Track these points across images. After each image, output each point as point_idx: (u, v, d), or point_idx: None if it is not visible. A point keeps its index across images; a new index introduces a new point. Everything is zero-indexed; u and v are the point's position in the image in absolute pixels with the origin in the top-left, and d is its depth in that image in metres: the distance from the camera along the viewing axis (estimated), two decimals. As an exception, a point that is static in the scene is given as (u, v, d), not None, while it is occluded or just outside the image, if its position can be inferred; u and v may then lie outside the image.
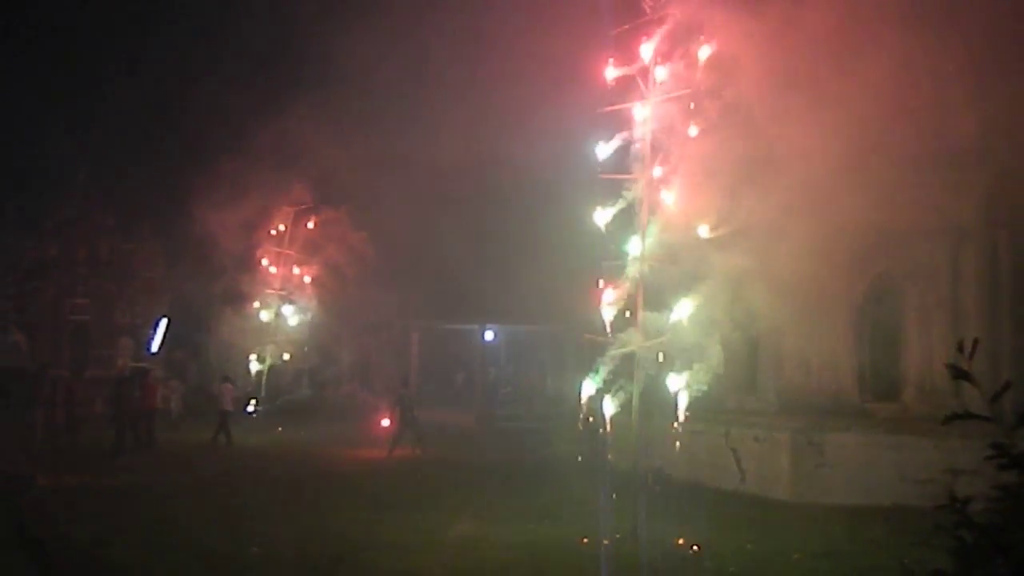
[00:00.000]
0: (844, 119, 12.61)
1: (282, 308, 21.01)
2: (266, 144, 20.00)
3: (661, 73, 9.72)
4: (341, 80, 20.67)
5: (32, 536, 8.53)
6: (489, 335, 26.55)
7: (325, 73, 20.31)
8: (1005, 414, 2.52)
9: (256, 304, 21.02)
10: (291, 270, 21.14)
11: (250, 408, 20.06)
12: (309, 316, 21.34)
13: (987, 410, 2.49)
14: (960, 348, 2.58)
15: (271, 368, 20.95)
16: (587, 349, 10.46)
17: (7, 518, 8.77)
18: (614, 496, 9.64)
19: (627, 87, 10.02)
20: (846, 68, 12.74)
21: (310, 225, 21.38)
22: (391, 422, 17.88)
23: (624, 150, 10.01)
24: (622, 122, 9.97)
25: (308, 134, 20.42)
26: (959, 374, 2.54)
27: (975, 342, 2.57)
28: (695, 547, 8.87)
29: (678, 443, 10.86)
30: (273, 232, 21.01)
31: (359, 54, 19.79)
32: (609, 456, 10.35)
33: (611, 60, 9.98)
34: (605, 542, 9.08)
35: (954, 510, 2.54)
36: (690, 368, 9.78)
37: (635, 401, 9.69)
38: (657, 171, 9.84)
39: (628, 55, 9.99)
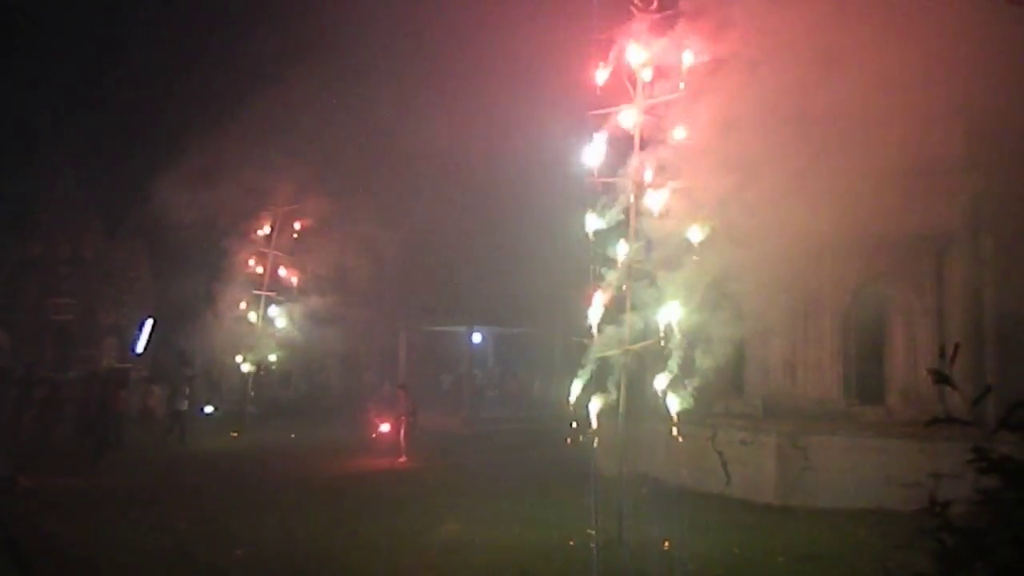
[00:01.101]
0: (830, 126, 12.71)
1: (268, 309, 20.91)
2: (253, 144, 19.91)
3: (647, 75, 9.75)
4: (329, 83, 20.61)
5: (10, 537, 8.44)
6: (477, 337, 26.48)
7: (314, 74, 20.21)
8: (987, 418, 2.53)
9: (242, 305, 20.91)
10: (277, 271, 21.05)
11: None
12: (295, 317, 21.24)
13: (969, 414, 2.50)
14: (942, 353, 2.60)
15: (257, 369, 20.83)
16: (575, 352, 10.45)
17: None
18: (600, 499, 9.64)
19: (618, 90, 10.04)
20: (832, 76, 12.83)
21: (297, 226, 21.30)
22: (398, 427, 17.14)
23: (614, 153, 10.03)
24: (612, 125, 9.99)
25: (296, 135, 20.37)
26: (941, 379, 2.55)
27: (956, 347, 2.58)
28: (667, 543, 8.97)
29: (680, 446, 10.83)
30: (260, 233, 20.92)
31: (347, 58, 19.80)
32: (595, 459, 10.33)
33: (601, 64, 10.00)
34: (591, 544, 9.08)
35: (935, 514, 2.55)
36: (677, 372, 9.80)
37: (621, 405, 9.70)
38: (647, 175, 9.86)
39: (618, 58, 10.01)
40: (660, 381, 9.81)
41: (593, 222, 9.85)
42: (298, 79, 19.98)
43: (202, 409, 19.87)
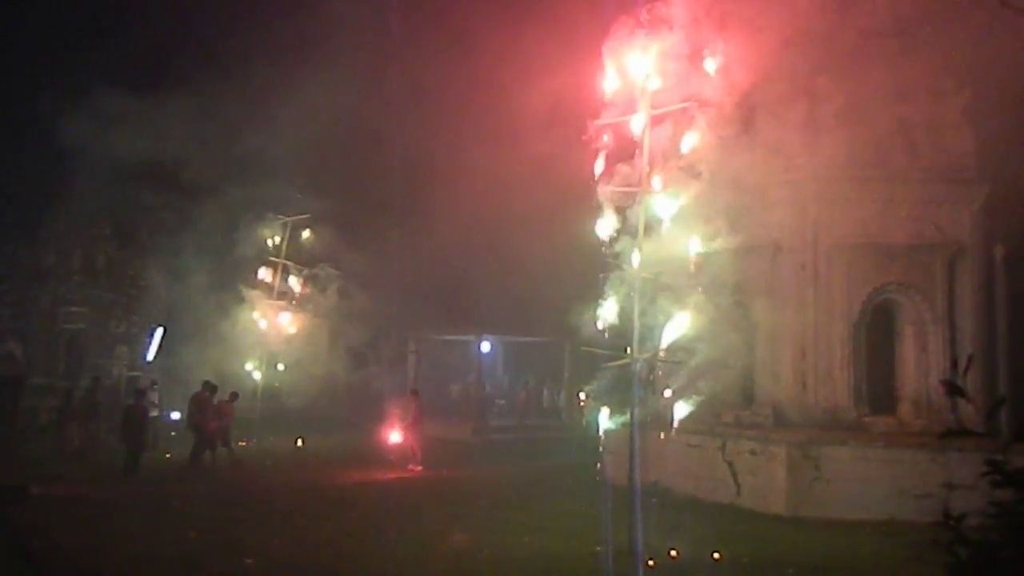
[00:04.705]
0: (842, 135, 12.70)
1: (278, 318, 20.96)
2: (265, 153, 20.03)
3: (655, 84, 9.74)
4: (338, 94, 20.70)
5: (20, 545, 8.48)
6: (485, 346, 26.47)
7: (326, 89, 20.32)
8: (1000, 429, 2.52)
9: (253, 314, 20.97)
10: (287, 280, 21.11)
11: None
12: (305, 326, 21.28)
13: (982, 426, 2.49)
14: (955, 364, 2.59)
15: (265, 377, 20.87)
16: (584, 361, 10.45)
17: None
18: (610, 509, 9.61)
19: (626, 99, 10.03)
20: (844, 84, 12.84)
21: (306, 235, 21.37)
22: (410, 435, 16.78)
23: (623, 161, 10.02)
24: (621, 134, 9.98)
25: (309, 145, 20.47)
26: (954, 390, 2.54)
27: (969, 359, 2.57)
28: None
29: (690, 456, 10.80)
30: (269, 242, 21.00)
31: (357, 71, 19.92)
32: (605, 468, 10.32)
33: (608, 73, 10.00)
34: (601, 553, 9.04)
35: (949, 527, 2.53)
36: (686, 381, 9.79)
37: (632, 414, 9.67)
38: (656, 183, 9.84)
39: (625, 67, 10.01)
40: (668, 390, 9.79)
41: (604, 231, 9.84)
42: (312, 92, 20.10)
43: (170, 415, 20.10)
